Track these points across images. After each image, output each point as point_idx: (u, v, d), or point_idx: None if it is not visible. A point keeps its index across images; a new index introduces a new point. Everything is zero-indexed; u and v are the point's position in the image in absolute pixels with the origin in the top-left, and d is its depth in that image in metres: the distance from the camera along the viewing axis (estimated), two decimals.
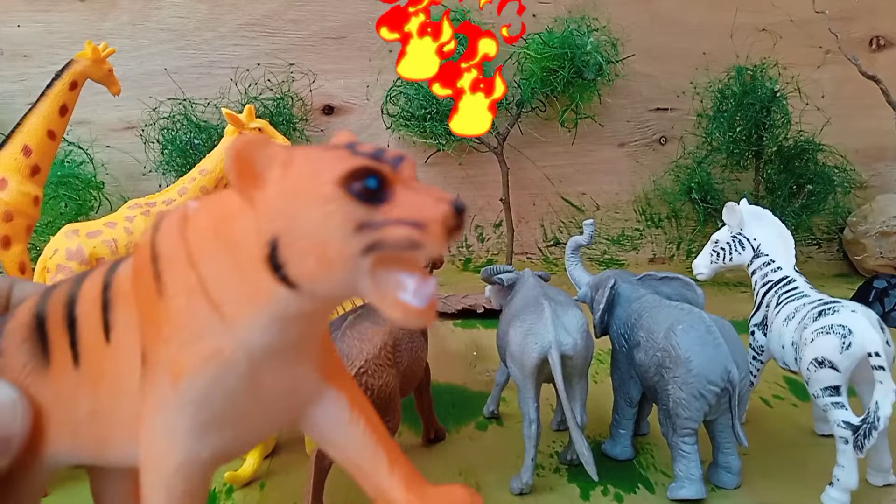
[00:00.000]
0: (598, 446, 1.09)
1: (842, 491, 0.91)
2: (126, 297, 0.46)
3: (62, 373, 0.48)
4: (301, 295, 0.39)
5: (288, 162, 0.39)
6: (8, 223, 1.40)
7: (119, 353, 0.46)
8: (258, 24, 2.36)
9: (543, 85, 2.17)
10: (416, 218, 0.38)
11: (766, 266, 1.13)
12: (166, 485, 0.43)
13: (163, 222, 0.45)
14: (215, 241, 0.41)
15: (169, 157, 2.14)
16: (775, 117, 2.27)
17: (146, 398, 0.44)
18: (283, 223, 0.38)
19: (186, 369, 0.42)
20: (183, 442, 0.43)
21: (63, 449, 0.50)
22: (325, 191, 0.37)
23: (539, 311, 0.97)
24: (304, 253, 0.38)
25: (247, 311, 0.41)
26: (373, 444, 0.48)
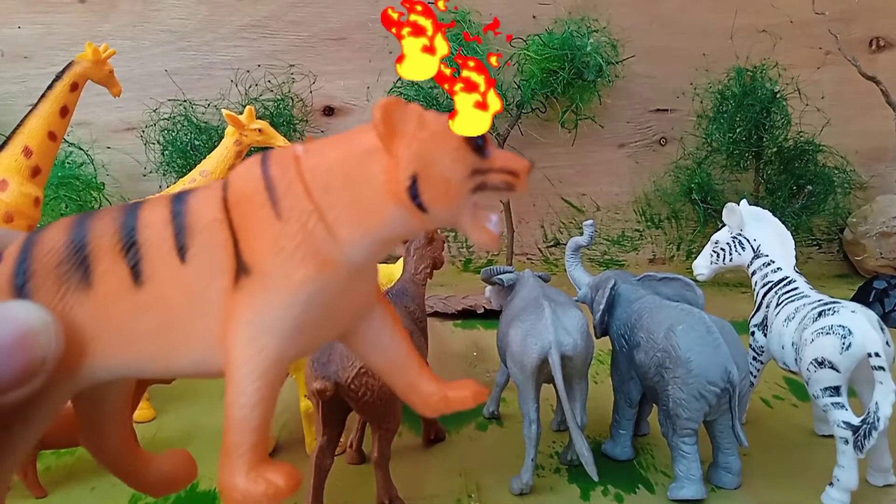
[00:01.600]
0: (598, 446, 1.09)
1: (842, 491, 0.91)
2: (211, 221, 0.53)
3: (114, 292, 0.52)
4: (424, 218, 0.52)
5: (422, 120, 0.52)
6: (9, 224, 1.41)
7: (197, 271, 0.53)
8: (258, 26, 2.36)
9: (543, 86, 2.17)
10: (511, 167, 0.52)
11: (766, 267, 1.13)
12: (262, 375, 0.52)
13: (271, 160, 0.54)
14: (333, 178, 0.52)
15: (169, 159, 2.14)
16: (775, 118, 2.27)
17: (249, 302, 0.52)
18: (421, 164, 0.51)
19: (304, 276, 0.52)
20: (282, 338, 0.52)
21: (108, 363, 0.54)
22: (454, 143, 0.51)
23: (539, 311, 0.97)
24: (436, 186, 0.51)
25: (357, 232, 0.52)
26: (407, 349, 0.62)
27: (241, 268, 0.52)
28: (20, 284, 0.52)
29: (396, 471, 0.95)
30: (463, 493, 0.97)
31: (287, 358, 0.54)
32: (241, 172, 0.55)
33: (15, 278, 0.53)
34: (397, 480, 0.94)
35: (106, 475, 1.03)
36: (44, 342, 0.48)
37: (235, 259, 0.53)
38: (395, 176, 0.50)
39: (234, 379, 0.52)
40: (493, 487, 0.98)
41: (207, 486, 1.00)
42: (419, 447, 1.12)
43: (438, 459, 1.08)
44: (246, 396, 0.52)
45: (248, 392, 0.52)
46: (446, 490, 0.98)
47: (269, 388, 0.53)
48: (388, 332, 0.61)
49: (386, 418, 0.90)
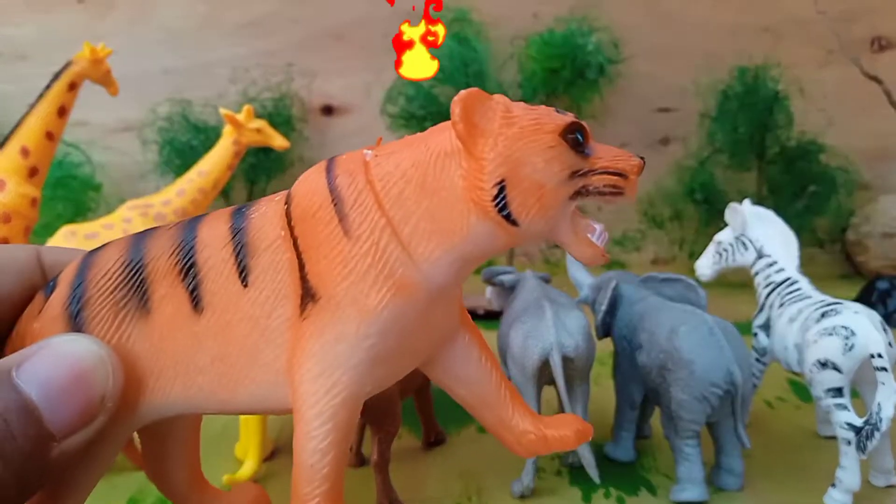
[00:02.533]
0: (600, 449, 1.08)
1: (844, 492, 0.90)
2: (275, 240, 0.48)
3: (174, 319, 0.48)
4: (514, 232, 0.44)
5: (507, 115, 0.44)
6: (6, 225, 1.40)
7: (262, 296, 0.48)
8: (257, 24, 2.35)
9: (545, 85, 2.16)
10: (618, 168, 0.45)
11: (769, 267, 1.13)
12: (333, 416, 0.46)
13: (338, 168, 0.48)
14: (407, 186, 0.45)
15: (167, 158, 2.13)
16: (778, 118, 2.26)
17: (317, 332, 0.46)
18: (509, 167, 0.43)
19: (376, 304, 0.45)
20: (355, 375, 0.46)
21: (168, 399, 0.49)
22: (548, 140, 0.43)
23: (540, 312, 0.96)
24: (528, 193, 0.43)
25: (436, 249, 0.46)
26: (498, 379, 0.54)
27: (307, 293, 0.46)
28: (74, 313, 0.48)
29: (396, 473, 0.94)
30: (463, 496, 0.96)
31: (362, 394, 0.48)
32: (305, 182, 0.49)
33: (70, 305, 0.48)
34: (397, 483, 0.93)
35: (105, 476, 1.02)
36: (101, 380, 0.44)
37: (301, 283, 0.47)
38: (479, 182, 0.43)
39: (304, 420, 0.47)
40: (493, 490, 0.97)
41: None
42: (419, 450, 1.12)
43: (439, 462, 1.07)
44: (317, 440, 0.46)
45: (318, 435, 0.46)
46: (446, 493, 0.97)
47: (341, 431, 0.47)
48: (474, 361, 0.53)
49: (386, 420, 0.89)
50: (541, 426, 0.54)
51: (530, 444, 0.54)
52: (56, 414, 0.41)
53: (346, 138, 2.40)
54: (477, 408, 0.54)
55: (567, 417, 0.55)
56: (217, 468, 1.02)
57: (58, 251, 0.55)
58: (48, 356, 0.42)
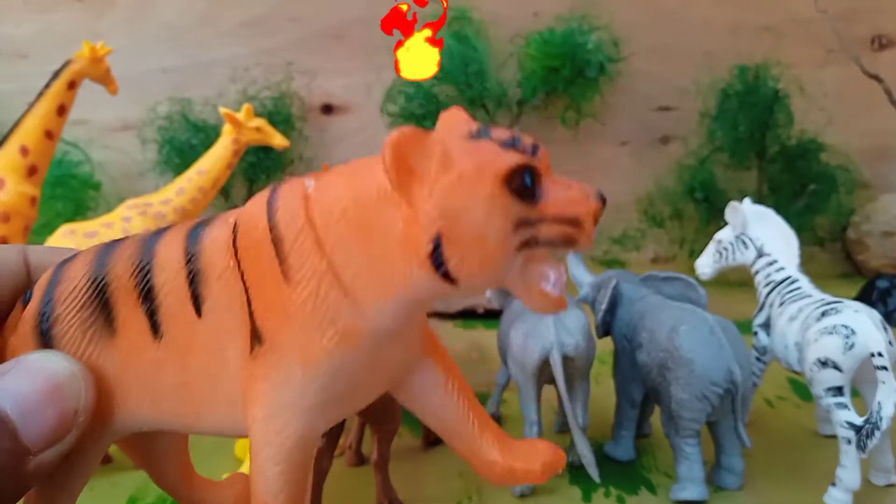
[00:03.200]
0: (600, 448, 1.08)
1: (844, 491, 0.90)
2: (224, 270, 0.46)
3: (136, 342, 0.48)
4: (455, 288, 0.41)
5: (445, 158, 0.40)
6: (5, 224, 1.40)
7: (215, 328, 0.46)
8: (257, 23, 2.35)
9: (545, 84, 2.16)
10: (570, 215, 0.40)
11: (769, 266, 1.12)
12: (286, 458, 0.45)
13: (279, 202, 0.44)
14: (347, 227, 0.42)
15: (166, 157, 2.13)
16: (778, 116, 2.26)
17: (264, 375, 0.45)
18: (445, 221, 0.39)
19: (319, 352, 0.44)
20: (305, 418, 0.45)
21: (139, 417, 0.49)
22: (488, 190, 0.39)
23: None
24: (466, 249, 0.39)
25: (380, 296, 0.42)
26: (465, 409, 0.51)
27: (254, 332, 0.45)
28: (45, 330, 0.48)
29: (396, 473, 0.94)
30: (463, 496, 0.96)
31: (314, 434, 0.47)
32: (247, 213, 0.46)
33: (40, 322, 0.48)
34: (397, 482, 0.93)
35: (104, 475, 1.02)
36: (74, 394, 0.45)
37: (250, 319, 0.45)
38: (414, 234, 0.39)
39: (257, 460, 0.46)
40: (493, 489, 0.97)
41: None
42: (419, 449, 1.11)
43: (438, 461, 1.07)
44: (271, 482, 0.45)
45: (271, 477, 0.45)
46: (446, 492, 0.97)
47: (294, 471, 0.46)
48: (439, 390, 0.51)
49: (385, 420, 0.89)
50: (509, 458, 0.51)
51: (499, 474, 0.52)
52: (31, 428, 0.41)
53: (345, 137, 2.40)
54: (445, 435, 0.53)
55: (539, 446, 0.52)
56: (216, 467, 1.02)
57: (43, 251, 0.55)
58: (23, 372, 0.44)
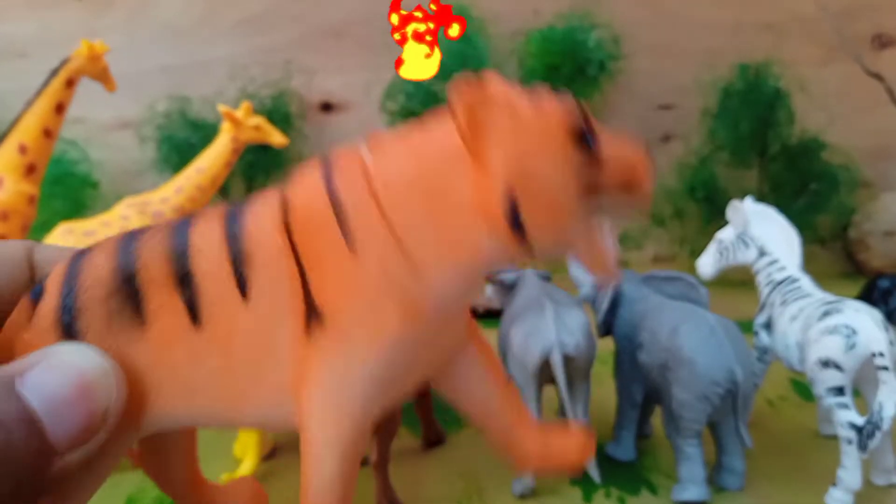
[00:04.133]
0: (600, 448, 1.07)
1: (845, 491, 0.90)
2: (274, 250, 0.44)
3: (171, 332, 0.45)
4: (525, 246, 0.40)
5: (512, 109, 0.40)
6: (4, 222, 1.39)
7: (263, 311, 0.44)
8: (256, 21, 2.34)
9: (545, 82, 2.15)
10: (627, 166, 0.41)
11: (770, 266, 1.12)
12: (342, 440, 0.44)
13: (337, 173, 0.43)
14: (412, 196, 0.41)
15: (165, 156, 2.12)
16: (779, 115, 2.25)
17: (324, 355, 0.43)
18: (520, 177, 0.39)
19: (385, 327, 0.42)
20: (364, 399, 0.44)
21: (169, 413, 0.47)
22: (557, 147, 0.39)
23: (541, 311, 0.95)
24: (540, 203, 0.39)
25: (445, 264, 0.42)
26: (501, 397, 0.51)
27: (312, 311, 0.43)
28: (68, 323, 0.45)
29: (396, 473, 0.94)
30: (464, 496, 0.96)
31: (370, 419, 0.46)
32: (302, 187, 0.45)
33: (62, 315, 0.45)
34: (397, 483, 0.93)
35: None
36: (105, 393, 0.41)
37: (305, 299, 0.44)
38: (488, 194, 0.39)
39: (313, 451, 0.45)
40: (494, 490, 0.97)
41: None
42: (419, 449, 1.11)
43: (439, 462, 1.06)
44: (327, 468, 0.44)
45: (327, 468, 0.44)
46: (447, 493, 0.96)
47: (351, 461, 0.45)
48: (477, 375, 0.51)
49: (385, 420, 0.89)
50: (545, 436, 0.52)
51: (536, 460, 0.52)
52: (59, 427, 0.39)
53: (345, 135, 2.39)
54: (484, 421, 0.53)
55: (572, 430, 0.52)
56: (216, 467, 1.02)
57: (49, 249, 0.53)
58: (52, 367, 0.40)
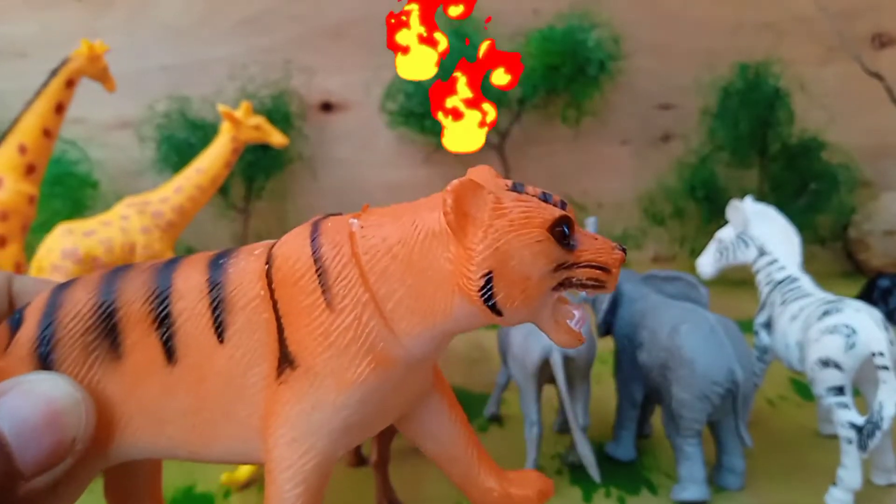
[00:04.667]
0: (600, 448, 1.07)
1: (845, 491, 0.90)
2: (254, 299, 0.48)
3: (145, 368, 0.48)
4: (496, 319, 0.46)
5: (498, 206, 0.46)
6: (4, 222, 1.39)
7: (237, 354, 0.48)
8: (255, 21, 2.34)
9: (545, 82, 2.15)
10: (601, 262, 0.47)
11: (770, 265, 1.12)
12: (304, 479, 0.47)
13: (323, 237, 0.48)
14: (392, 263, 0.46)
15: (165, 155, 2.12)
16: (779, 115, 2.25)
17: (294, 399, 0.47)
18: (497, 260, 0.44)
19: (355, 378, 0.46)
20: (329, 441, 0.47)
21: (136, 444, 0.49)
22: (536, 234, 0.45)
23: None
24: (513, 286, 0.45)
25: (417, 327, 0.47)
26: (466, 437, 0.56)
27: (285, 357, 0.47)
28: (44, 354, 0.48)
29: (396, 473, 0.94)
30: (463, 497, 0.95)
31: (334, 459, 0.49)
32: (288, 246, 0.49)
33: (39, 346, 0.48)
34: (396, 483, 0.93)
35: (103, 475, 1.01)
36: (74, 421, 0.43)
37: (279, 346, 0.47)
38: (466, 271, 0.45)
39: (276, 483, 0.47)
40: None
41: (204, 489, 0.99)
42: (419, 450, 1.11)
43: None
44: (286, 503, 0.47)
45: (289, 499, 0.47)
46: (446, 493, 0.96)
47: (312, 494, 0.47)
48: (443, 419, 0.55)
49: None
50: (505, 484, 0.56)
51: (494, 501, 0.56)
52: (26, 452, 0.40)
53: (344, 135, 2.39)
54: (444, 463, 0.56)
55: (530, 475, 0.57)
56: (216, 467, 1.02)
57: (27, 280, 0.54)
58: (23, 394, 0.42)
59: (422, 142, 2.32)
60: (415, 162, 2.38)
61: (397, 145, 2.37)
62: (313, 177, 2.36)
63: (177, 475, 1.02)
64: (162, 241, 1.42)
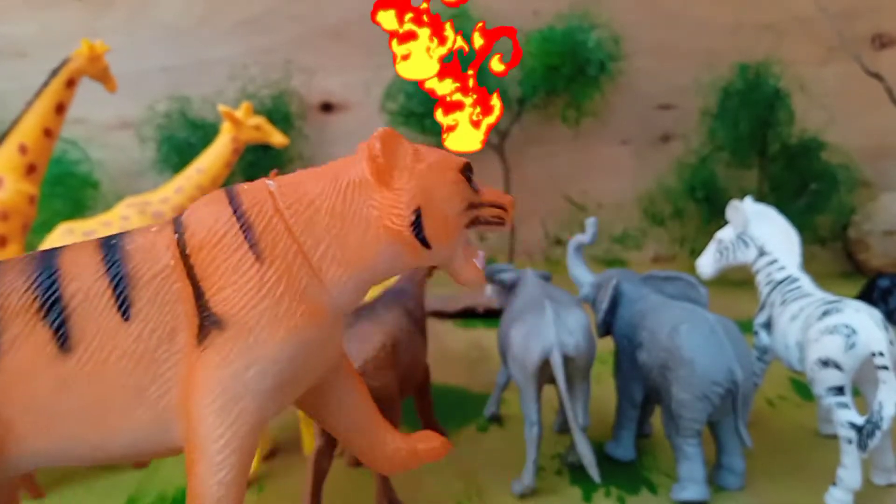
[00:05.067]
0: (600, 448, 1.07)
1: (845, 491, 0.90)
2: (163, 270, 0.47)
3: (31, 364, 0.44)
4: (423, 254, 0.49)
5: (417, 152, 0.51)
6: (4, 222, 1.39)
7: (145, 331, 0.46)
8: (255, 21, 2.34)
9: (545, 82, 2.15)
10: (502, 202, 0.54)
11: (770, 265, 1.12)
12: (239, 447, 0.46)
13: (242, 196, 0.49)
14: (316, 214, 0.48)
15: (165, 155, 2.12)
16: (779, 115, 2.25)
17: (223, 361, 0.46)
18: (424, 197, 0.49)
19: (293, 326, 0.47)
20: (263, 399, 0.47)
21: (26, 453, 0.45)
22: (452, 175, 0.51)
23: (541, 311, 0.95)
24: (438, 219, 0.49)
25: (344, 273, 0.49)
26: (370, 404, 0.59)
27: (207, 322, 0.46)
28: None
29: None
30: (463, 496, 0.96)
31: (264, 422, 0.48)
32: (202, 211, 0.49)
33: None
34: (396, 483, 0.93)
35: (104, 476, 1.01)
36: None
37: (198, 312, 0.46)
38: (396, 210, 0.48)
39: (207, 453, 0.45)
40: (494, 490, 0.97)
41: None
42: None
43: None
44: (223, 472, 0.45)
45: (225, 467, 0.45)
46: (446, 492, 0.97)
47: (246, 459, 0.46)
48: (350, 388, 0.57)
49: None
50: (411, 442, 0.60)
51: (403, 460, 0.60)
52: None
53: (345, 135, 2.39)
54: (352, 433, 0.58)
55: (428, 433, 0.63)
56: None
57: None
58: None
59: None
60: None
61: None
62: None
63: (177, 474, 1.02)
64: None
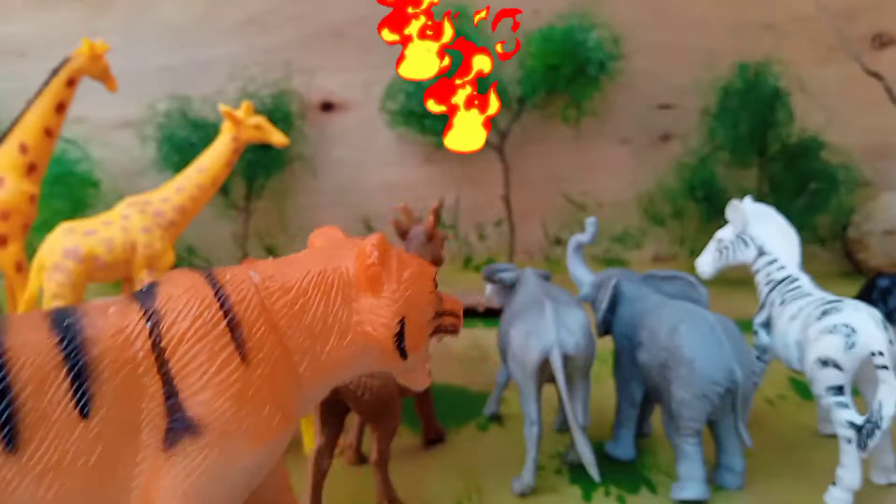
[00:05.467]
0: (600, 447, 1.08)
1: (845, 490, 0.90)
2: (128, 363, 0.43)
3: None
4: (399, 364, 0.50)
5: (400, 259, 0.51)
6: (5, 222, 1.40)
7: (106, 429, 0.42)
8: (256, 21, 2.34)
9: (545, 82, 2.15)
10: (457, 311, 0.55)
11: (770, 265, 1.12)
12: None
13: (228, 288, 0.47)
14: (301, 314, 0.48)
15: (166, 155, 2.12)
16: (779, 115, 2.25)
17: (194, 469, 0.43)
18: (408, 307, 0.49)
19: (271, 434, 0.46)
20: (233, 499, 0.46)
21: None
22: (429, 285, 0.51)
23: (540, 310, 0.95)
24: (416, 330, 0.50)
25: (322, 377, 0.49)
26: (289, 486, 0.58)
27: (178, 426, 0.43)
28: None
29: (396, 472, 0.94)
30: (463, 495, 0.96)
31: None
32: (182, 301, 0.45)
33: None
34: (397, 482, 0.93)
35: None
36: None
37: (168, 412, 0.43)
38: (383, 319, 0.48)
39: None
40: (493, 488, 0.97)
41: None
42: (419, 448, 1.11)
43: (438, 460, 1.07)
44: None
45: None
46: (446, 491, 0.97)
47: None
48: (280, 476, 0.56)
49: (385, 418, 0.89)
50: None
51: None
52: None
53: (345, 135, 2.39)
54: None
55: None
56: None
57: None
58: None
59: (422, 141, 2.32)
60: (415, 161, 2.38)
61: (397, 145, 2.37)
62: (314, 176, 2.36)
63: None
64: (163, 241, 1.42)
